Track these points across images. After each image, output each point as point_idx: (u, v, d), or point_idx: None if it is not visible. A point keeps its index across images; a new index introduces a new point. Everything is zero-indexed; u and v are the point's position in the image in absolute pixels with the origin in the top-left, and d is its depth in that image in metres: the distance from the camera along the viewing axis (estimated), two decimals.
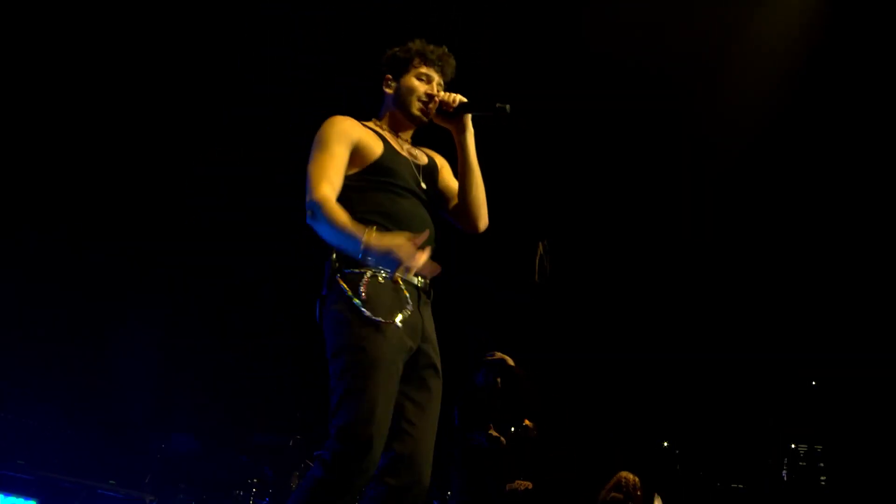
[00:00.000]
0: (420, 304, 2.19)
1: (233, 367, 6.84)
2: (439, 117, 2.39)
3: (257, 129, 6.24)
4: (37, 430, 4.99)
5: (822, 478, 8.56)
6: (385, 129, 2.39)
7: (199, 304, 6.82)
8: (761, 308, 8.25)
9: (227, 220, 6.59)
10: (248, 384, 6.82)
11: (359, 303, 2.04)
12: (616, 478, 5.44)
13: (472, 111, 2.38)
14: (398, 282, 2.13)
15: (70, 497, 4.37)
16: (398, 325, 2.06)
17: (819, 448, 8.56)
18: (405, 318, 2.09)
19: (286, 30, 5.98)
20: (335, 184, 2.16)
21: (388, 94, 2.42)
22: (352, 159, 2.23)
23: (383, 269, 2.09)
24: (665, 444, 8.78)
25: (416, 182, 2.31)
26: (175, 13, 5.65)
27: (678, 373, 8.55)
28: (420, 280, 2.19)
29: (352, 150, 2.23)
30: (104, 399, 6.04)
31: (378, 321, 2.02)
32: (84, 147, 5.96)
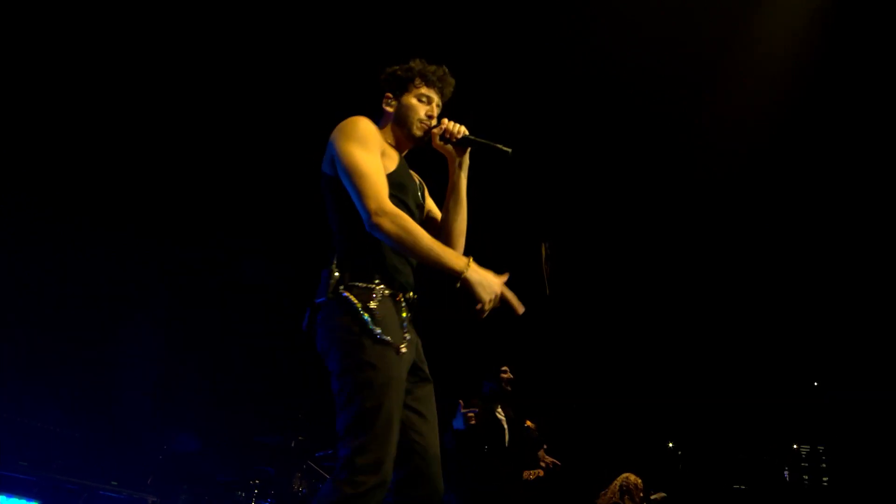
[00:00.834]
0: (412, 317, 2.24)
1: (235, 368, 6.83)
2: (440, 144, 2.40)
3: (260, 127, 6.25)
4: (39, 432, 4.99)
5: (824, 479, 8.55)
6: (389, 144, 2.39)
7: (201, 305, 6.81)
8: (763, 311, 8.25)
9: (232, 218, 6.59)
10: (250, 385, 6.81)
11: (369, 319, 2.05)
12: (619, 480, 5.43)
13: (474, 146, 2.39)
14: (399, 298, 2.18)
15: (72, 498, 4.36)
16: (405, 343, 2.11)
17: (822, 449, 8.55)
18: (410, 338, 2.16)
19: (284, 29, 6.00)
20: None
21: (388, 111, 2.42)
22: None
23: (387, 286, 2.14)
24: (670, 444, 8.78)
25: (415, 200, 2.36)
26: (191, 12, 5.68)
27: (682, 375, 8.53)
28: (411, 295, 2.24)
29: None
30: (106, 400, 6.03)
31: (388, 340, 2.06)
32: (88, 144, 5.96)
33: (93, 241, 6.10)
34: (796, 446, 8.79)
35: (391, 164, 2.27)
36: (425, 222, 2.47)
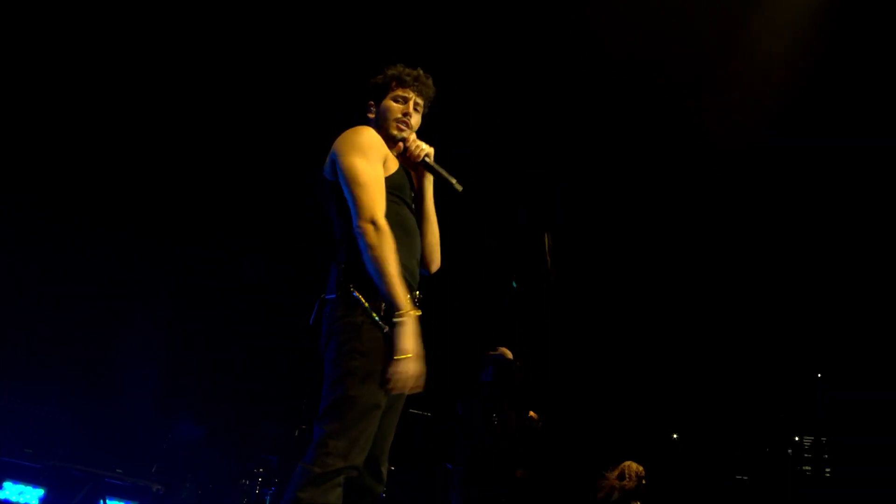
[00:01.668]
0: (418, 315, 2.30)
1: (239, 357, 6.87)
2: (402, 159, 2.48)
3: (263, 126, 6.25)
4: (44, 420, 5.02)
5: (826, 469, 8.56)
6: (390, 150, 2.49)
7: (205, 293, 6.83)
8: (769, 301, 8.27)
9: (234, 208, 6.60)
10: (254, 374, 6.85)
11: (376, 317, 2.13)
12: (621, 467, 5.41)
13: (429, 171, 2.50)
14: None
15: (77, 485, 4.39)
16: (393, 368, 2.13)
17: (824, 440, 8.57)
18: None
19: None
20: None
21: (370, 119, 2.53)
22: None
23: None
24: (675, 436, 8.82)
25: (412, 199, 2.48)
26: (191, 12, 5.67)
27: (686, 365, 8.55)
28: (417, 294, 2.33)
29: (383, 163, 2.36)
30: (111, 388, 6.07)
31: (388, 332, 2.11)
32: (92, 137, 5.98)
33: (98, 228, 6.12)
34: (799, 437, 8.80)
35: (392, 166, 2.39)
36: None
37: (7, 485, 3.99)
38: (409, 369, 2.09)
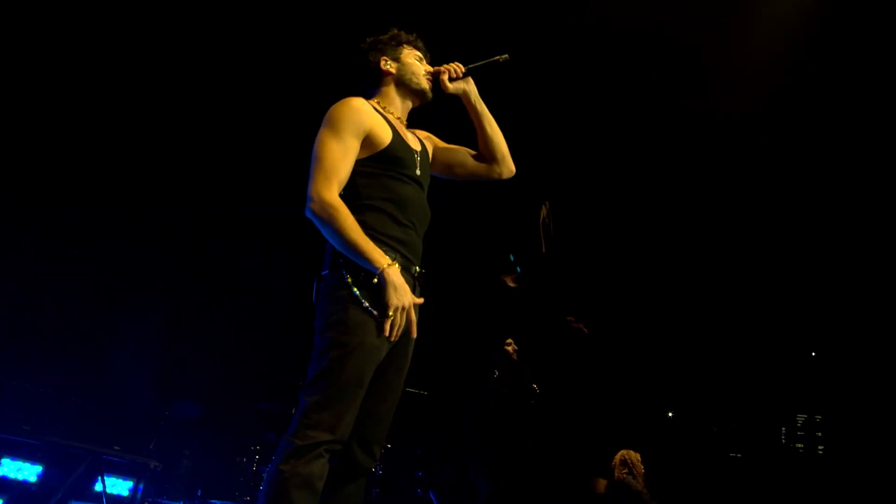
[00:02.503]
0: (415, 292, 2.28)
1: (237, 334, 6.89)
2: (450, 86, 2.53)
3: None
4: (42, 397, 5.03)
5: (819, 447, 8.67)
6: (388, 112, 2.46)
7: (204, 273, 6.84)
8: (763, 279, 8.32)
9: (234, 194, 6.58)
10: (252, 352, 6.88)
11: (357, 291, 2.12)
12: (619, 456, 5.64)
13: (477, 71, 2.56)
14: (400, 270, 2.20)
15: (75, 462, 4.40)
16: (388, 317, 2.15)
17: (819, 418, 8.66)
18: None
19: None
20: (344, 180, 2.23)
21: (389, 72, 2.50)
22: (363, 145, 2.29)
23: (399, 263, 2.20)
24: (670, 414, 8.91)
25: (415, 169, 2.40)
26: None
27: (681, 342, 8.62)
28: (417, 269, 2.31)
29: (363, 137, 2.29)
30: (110, 366, 6.08)
31: (373, 311, 2.12)
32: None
33: (97, 205, 6.10)
34: (793, 415, 8.90)
35: (384, 137, 2.33)
36: (451, 168, 2.64)
37: (5, 461, 4.00)
38: (398, 322, 2.14)
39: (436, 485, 5.88)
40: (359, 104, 2.32)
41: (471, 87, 2.59)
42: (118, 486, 4.72)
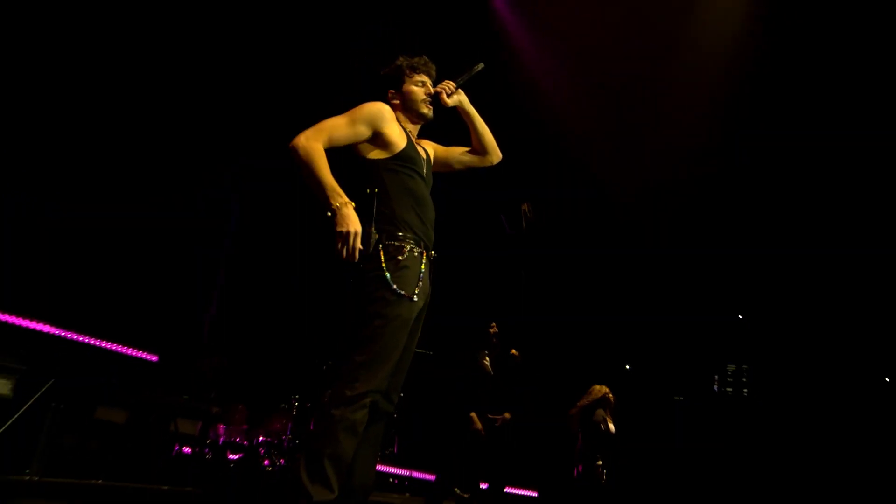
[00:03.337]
0: (429, 270, 2.70)
1: (274, 294, 7.36)
2: (449, 101, 2.89)
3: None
4: None
5: (744, 391, 9.73)
6: (403, 124, 2.84)
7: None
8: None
9: None
10: (287, 312, 7.30)
11: (389, 276, 2.49)
12: (590, 391, 5.88)
13: (463, 84, 2.98)
14: (422, 256, 2.63)
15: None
16: (418, 292, 2.56)
17: (745, 367, 9.67)
18: (422, 289, 2.61)
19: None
20: (333, 143, 2.52)
21: (396, 104, 2.84)
22: (382, 146, 2.64)
23: (414, 246, 2.59)
24: (627, 367, 9.80)
25: (424, 171, 2.79)
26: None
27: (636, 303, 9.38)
28: (433, 253, 2.73)
29: (375, 134, 2.62)
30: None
31: (403, 295, 2.51)
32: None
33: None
34: (726, 365, 9.89)
35: (401, 142, 2.68)
36: (451, 164, 3.02)
37: None
38: (350, 244, 2.40)
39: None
40: (384, 109, 2.66)
41: (463, 98, 2.94)
42: None
